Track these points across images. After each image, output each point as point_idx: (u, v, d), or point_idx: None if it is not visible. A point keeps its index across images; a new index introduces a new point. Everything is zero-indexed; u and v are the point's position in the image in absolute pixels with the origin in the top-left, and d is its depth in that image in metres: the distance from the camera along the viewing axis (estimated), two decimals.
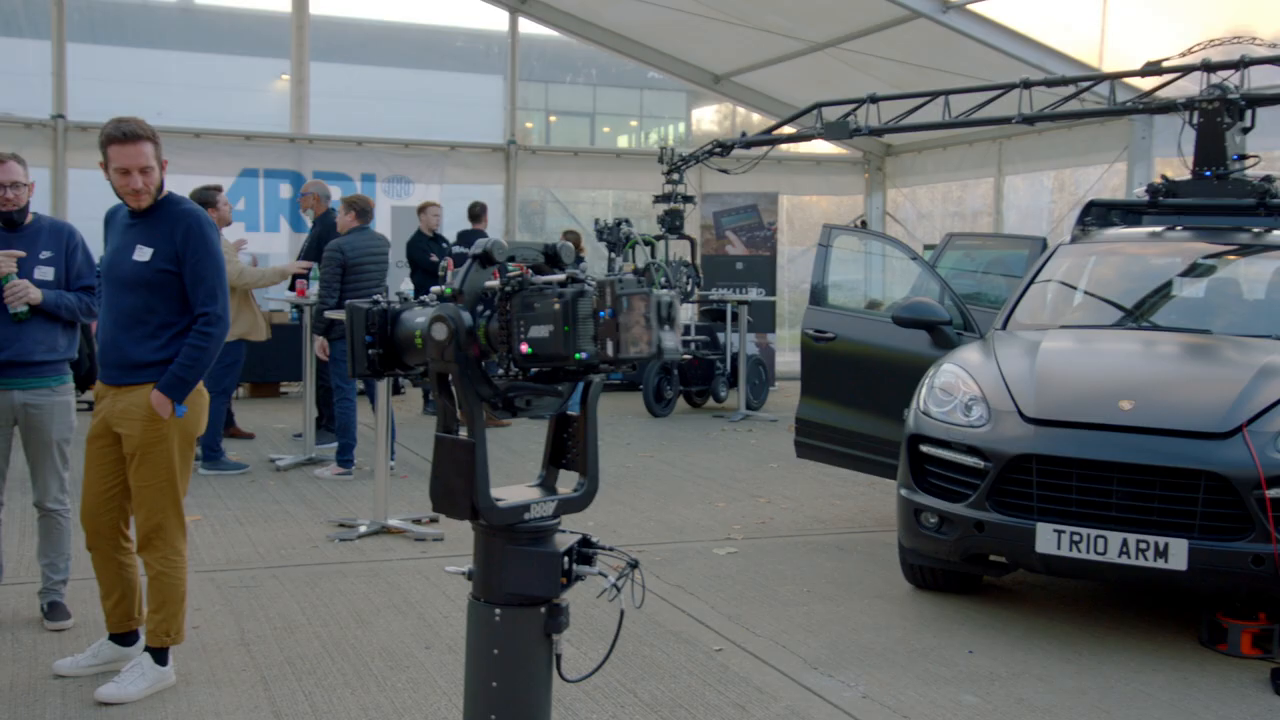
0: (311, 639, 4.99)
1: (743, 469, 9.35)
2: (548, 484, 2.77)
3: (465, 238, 11.20)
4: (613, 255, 12.56)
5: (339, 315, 7.62)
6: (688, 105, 20.09)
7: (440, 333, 2.54)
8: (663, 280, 7.90)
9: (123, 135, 4.24)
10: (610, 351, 2.36)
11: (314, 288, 9.22)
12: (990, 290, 7.93)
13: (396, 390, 10.94)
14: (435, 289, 2.67)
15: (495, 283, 2.54)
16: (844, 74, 13.54)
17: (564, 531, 2.73)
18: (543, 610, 2.68)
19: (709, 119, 19.51)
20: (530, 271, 2.58)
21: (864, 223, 15.68)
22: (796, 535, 7.14)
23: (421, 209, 12.24)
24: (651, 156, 13.65)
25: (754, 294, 14.01)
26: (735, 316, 12.87)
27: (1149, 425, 5.02)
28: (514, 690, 2.66)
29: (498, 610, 2.65)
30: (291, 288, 9.96)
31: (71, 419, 5.10)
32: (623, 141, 21.57)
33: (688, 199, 12.82)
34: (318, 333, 8.59)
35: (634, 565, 2.75)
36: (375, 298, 2.73)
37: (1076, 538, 4.91)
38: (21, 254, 4.89)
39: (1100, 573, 5.04)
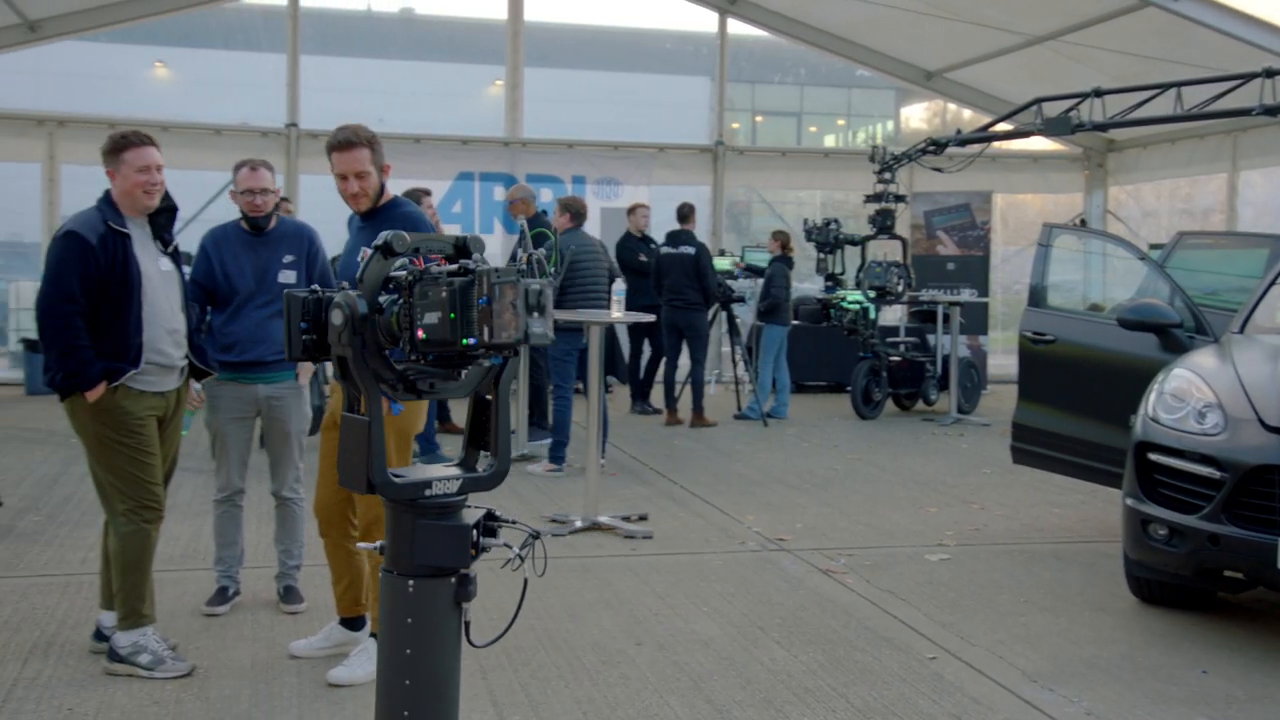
0: (526, 632, 5.11)
1: (954, 474, 9.13)
2: (467, 464, 2.93)
3: (673, 238, 11.30)
4: (822, 255, 12.48)
5: (558, 316, 7.76)
6: (897, 103, 19.79)
7: (337, 318, 2.70)
8: (552, 271, 8.16)
9: (338, 142, 4.42)
10: (486, 336, 2.53)
11: None
12: (1225, 292, 7.50)
13: (605, 389, 11.11)
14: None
15: (402, 273, 2.70)
16: (1063, 67, 13.07)
17: (470, 507, 2.88)
18: (453, 580, 2.82)
19: (918, 117, 19.16)
20: (445, 262, 2.72)
21: (1083, 221, 15.10)
22: (1012, 543, 6.93)
23: (630, 210, 12.42)
24: (859, 156, 13.49)
25: (966, 295, 13.70)
26: (946, 318, 12.59)
27: None
28: (426, 656, 2.80)
29: (411, 581, 2.78)
30: None
31: (309, 412, 5.37)
32: (830, 141, 21.41)
33: (899, 198, 12.63)
34: None
35: (535, 537, 2.92)
36: (313, 287, 2.85)
37: None
38: (203, 398, 5.10)
39: None
